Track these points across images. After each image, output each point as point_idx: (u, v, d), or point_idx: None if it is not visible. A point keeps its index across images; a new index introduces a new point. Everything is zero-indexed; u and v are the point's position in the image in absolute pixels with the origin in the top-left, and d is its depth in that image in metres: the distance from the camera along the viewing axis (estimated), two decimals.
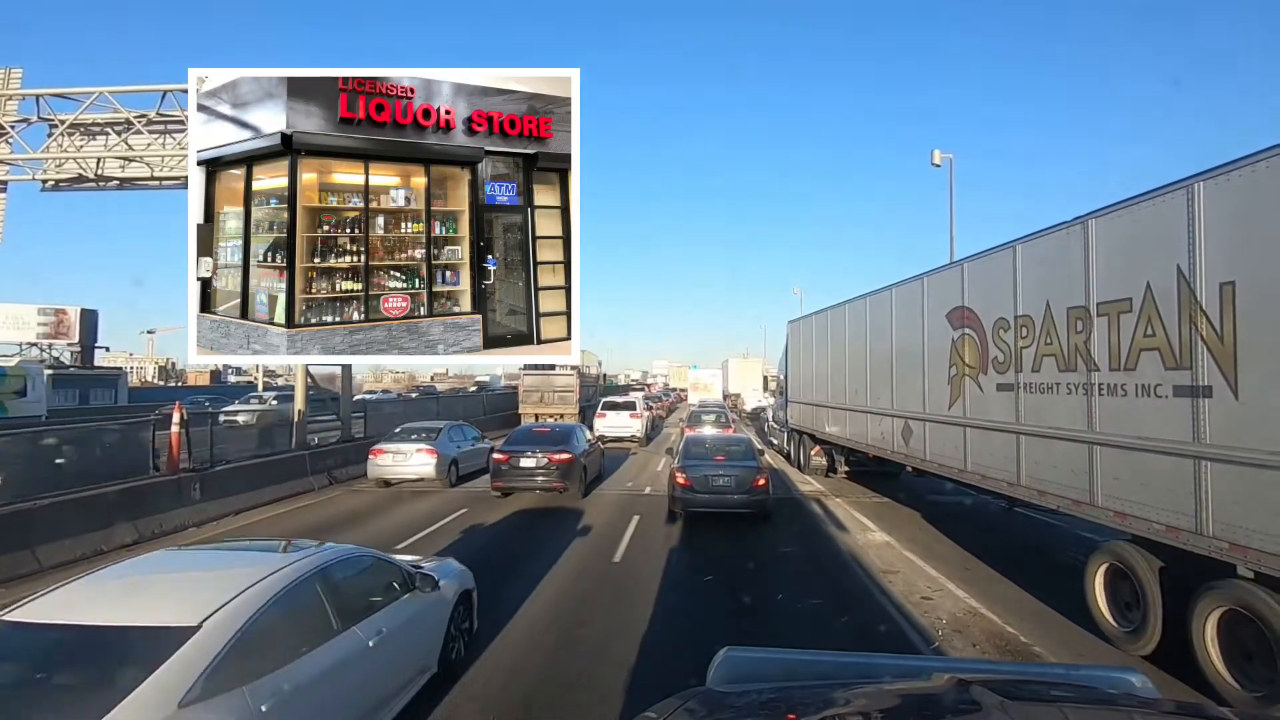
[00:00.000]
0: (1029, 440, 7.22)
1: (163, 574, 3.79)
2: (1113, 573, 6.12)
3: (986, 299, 8.11)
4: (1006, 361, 7.63)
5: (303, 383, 14.37)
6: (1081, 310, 6.32)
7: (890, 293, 11.23)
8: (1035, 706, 1.54)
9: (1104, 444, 6.05)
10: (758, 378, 40.34)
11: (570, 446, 12.36)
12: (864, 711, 1.70)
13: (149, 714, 2.63)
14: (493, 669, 5.10)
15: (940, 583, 7.44)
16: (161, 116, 14.43)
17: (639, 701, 4.14)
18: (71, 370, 38.45)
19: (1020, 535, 9.75)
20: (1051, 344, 6.81)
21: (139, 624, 3.07)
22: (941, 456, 9.30)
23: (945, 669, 2.04)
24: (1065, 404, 6.58)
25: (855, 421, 12.94)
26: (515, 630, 5.89)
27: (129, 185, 15.61)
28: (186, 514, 10.01)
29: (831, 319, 14.60)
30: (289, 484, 12.58)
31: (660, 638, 5.76)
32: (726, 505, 9.91)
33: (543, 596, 6.76)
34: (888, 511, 11.41)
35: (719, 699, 1.85)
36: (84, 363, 40.72)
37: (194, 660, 2.86)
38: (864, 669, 2.11)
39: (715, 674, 2.04)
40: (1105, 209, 6.08)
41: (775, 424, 21.88)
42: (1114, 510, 5.91)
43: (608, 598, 6.79)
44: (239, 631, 3.08)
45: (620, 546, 8.73)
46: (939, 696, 1.67)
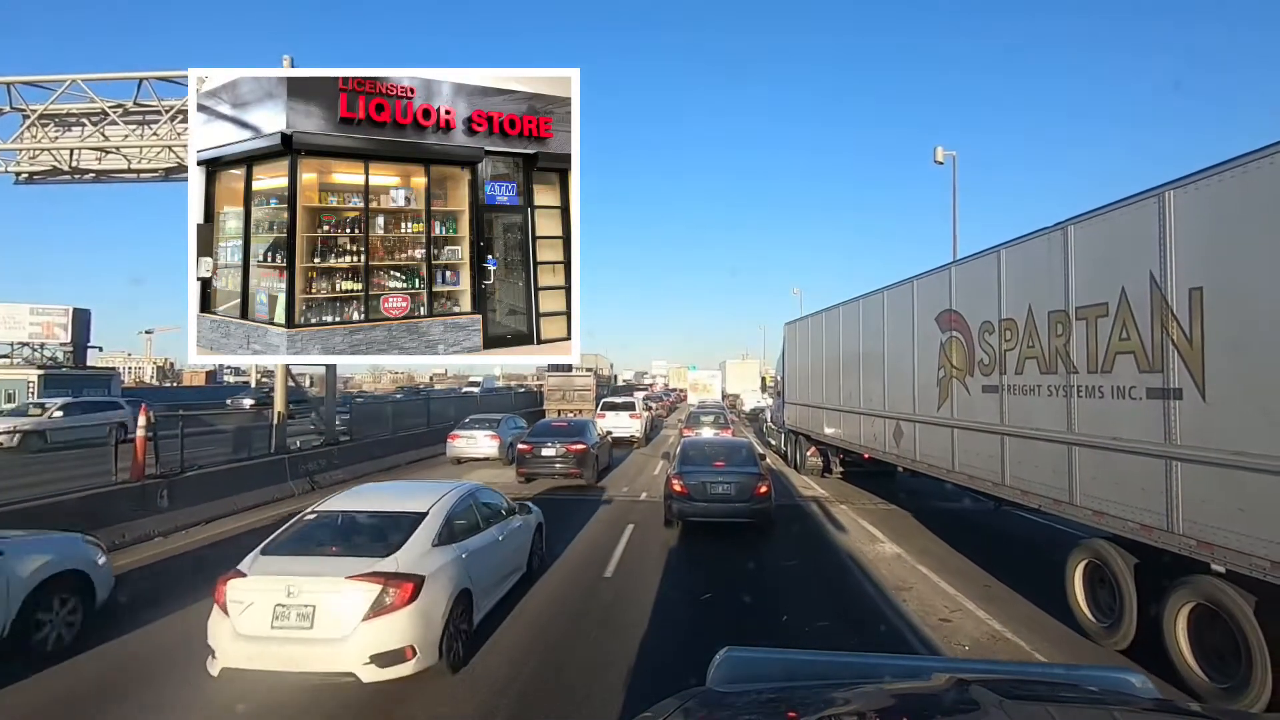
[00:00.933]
0: (1013, 441, 7.37)
1: (383, 493, 6.46)
2: (1091, 569, 6.27)
3: (973, 302, 8.26)
4: (991, 364, 7.78)
5: (283, 384, 14.03)
6: (1062, 314, 6.48)
7: (882, 296, 11.38)
8: (1034, 706, 1.52)
9: (1082, 444, 6.21)
10: (755, 379, 41.11)
11: (585, 438, 13.96)
12: (864, 711, 1.69)
13: (421, 547, 5.21)
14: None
15: (959, 601, 7.00)
16: (139, 106, 14.05)
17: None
18: (64, 370, 38.61)
19: (1037, 546, 9.06)
20: (1034, 347, 6.96)
21: (399, 510, 5.68)
22: (931, 457, 9.44)
23: (945, 669, 2.05)
24: (1046, 405, 6.73)
25: (849, 422, 13.08)
26: (497, 649, 5.55)
27: (106, 178, 15.32)
28: (152, 523, 9.38)
29: (826, 321, 14.75)
30: (267, 489, 12.07)
31: (652, 667, 5.16)
32: (726, 514, 9.41)
33: (525, 616, 6.32)
34: (895, 519, 11.18)
35: (719, 699, 1.85)
36: (76, 363, 40.84)
37: (431, 526, 5.47)
38: (864, 669, 2.11)
39: (715, 674, 2.04)
40: (1084, 215, 6.24)
41: (773, 425, 22.00)
42: (1092, 509, 6.06)
43: (593, 628, 6.07)
44: (445, 518, 5.69)
45: (612, 560, 8.27)
46: (939, 696, 1.66)
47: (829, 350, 14.49)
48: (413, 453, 18.07)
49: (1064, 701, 1.63)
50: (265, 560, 5.00)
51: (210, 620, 4.77)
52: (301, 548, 5.19)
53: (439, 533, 5.47)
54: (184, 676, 4.93)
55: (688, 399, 47.31)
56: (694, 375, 53.21)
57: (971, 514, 11.26)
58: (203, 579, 7.27)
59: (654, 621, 6.28)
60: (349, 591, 4.69)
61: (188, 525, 9.99)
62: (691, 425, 20.56)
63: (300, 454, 13.66)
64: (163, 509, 9.76)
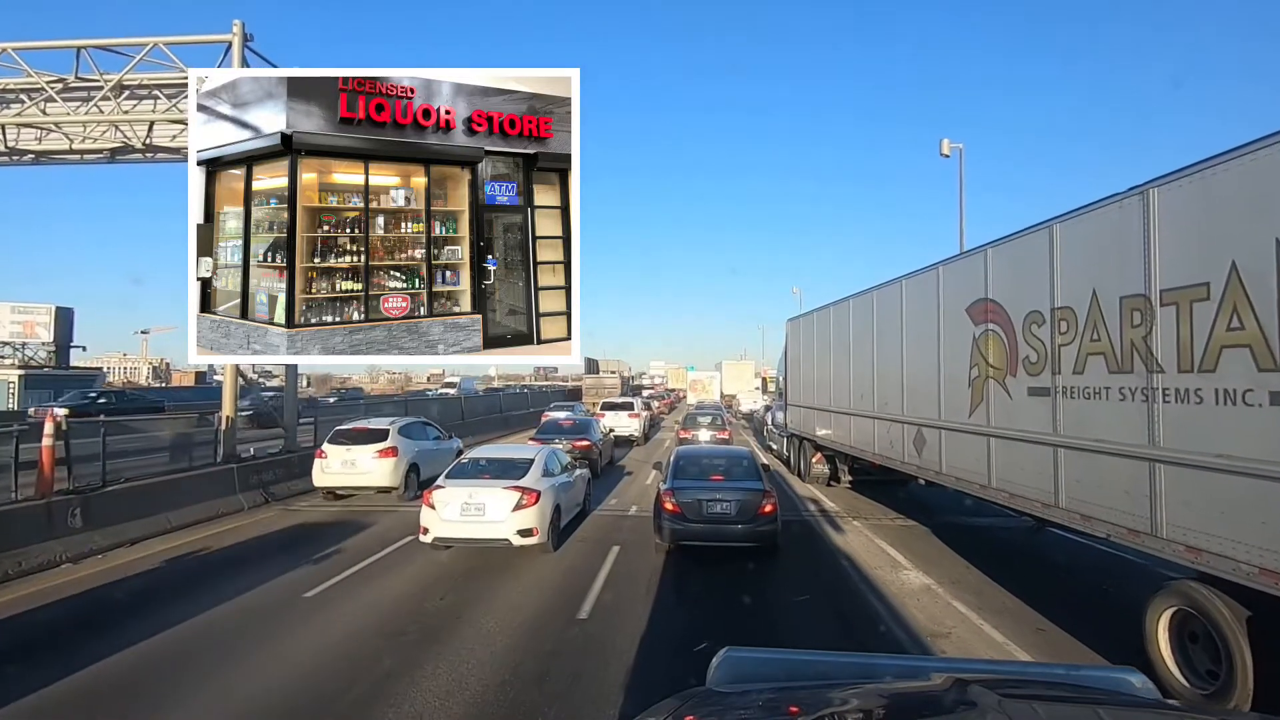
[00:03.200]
0: (1070, 454, 6.11)
1: (501, 450, 10.60)
2: (1181, 620, 5.02)
3: (1016, 290, 7.01)
4: (1041, 362, 6.52)
5: (232, 385, 12.70)
6: (1140, 299, 5.22)
7: (900, 285, 10.13)
8: (1034, 706, 1.49)
9: (1170, 461, 4.95)
10: (751, 379, 44.04)
11: (590, 435, 15.57)
12: (863, 710, 1.66)
13: (535, 476, 8.79)
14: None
15: (1008, 652, 5.80)
16: (81, 81, 12.76)
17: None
18: (46, 371, 37.34)
19: (1092, 577, 7.90)
20: (1099, 340, 5.71)
21: (517, 457, 9.37)
22: (960, 470, 8.19)
23: (945, 669, 2.00)
24: (1118, 412, 5.48)
25: (860, 428, 11.82)
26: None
27: (46, 159, 14.06)
28: (59, 547, 8.17)
29: (834, 316, 13.49)
30: (210, 503, 10.82)
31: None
32: (725, 538, 8.23)
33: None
34: (915, 539, 9.89)
35: (719, 699, 1.86)
36: (59, 363, 39.54)
37: (538, 466, 9.00)
38: (864, 669, 2.09)
39: (715, 674, 1.98)
40: (1173, 175, 4.99)
41: (774, 428, 20.80)
42: (1185, 544, 4.81)
43: (560, 688, 4.93)
44: (544, 463, 9.16)
45: (590, 595, 7.06)
46: (939, 696, 1.65)
47: (837, 348, 13.23)
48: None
49: (1063, 701, 1.64)
50: (452, 480, 8.83)
51: (422, 512, 8.54)
52: (469, 474, 9.05)
53: (542, 470, 9.11)
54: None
55: (687, 399, 48.30)
56: (693, 376, 54.59)
57: (1003, 533, 10.02)
58: (111, 621, 6.16)
59: (634, 685, 5.01)
60: (504, 496, 8.35)
61: (106, 548, 8.72)
62: (689, 427, 20.13)
63: (254, 462, 12.31)
64: (75, 529, 8.48)
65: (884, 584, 7.64)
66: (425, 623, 6.31)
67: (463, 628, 6.21)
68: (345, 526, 10.43)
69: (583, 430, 15.76)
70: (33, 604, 6.82)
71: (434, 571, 8.09)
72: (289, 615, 6.56)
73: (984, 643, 5.97)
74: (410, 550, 8.94)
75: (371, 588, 7.43)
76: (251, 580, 7.54)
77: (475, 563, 8.41)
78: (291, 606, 6.83)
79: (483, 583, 7.65)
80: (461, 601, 6.98)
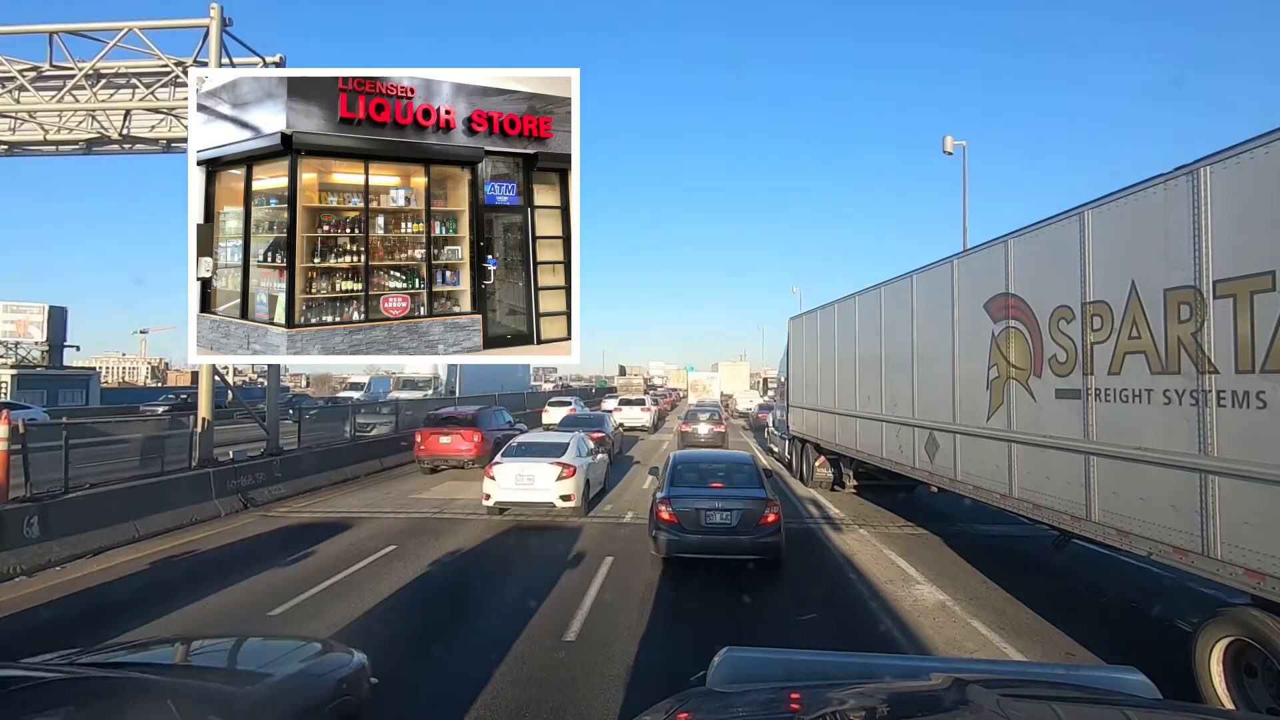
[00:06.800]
0: (1104, 462, 5.57)
1: (543, 436, 13.13)
2: (1238, 651, 4.48)
3: (1041, 283, 6.47)
4: (1070, 361, 5.98)
5: (208, 385, 12.09)
6: (1189, 292, 4.68)
7: (910, 280, 9.59)
8: (1033, 705, 1.52)
9: (1225, 473, 4.42)
10: (747, 380, 48.84)
11: (603, 428, 17.74)
12: (863, 710, 1.63)
13: (572, 455, 11.42)
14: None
15: None
16: (56, 69, 12.20)
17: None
18: (39, 370, 36.83)
19: (1123, 596, 7.29)
20: (1139, 338, 5.17)
21: (557, 441, 12.06)
22: (977, 478, 7.66)
23: (945, 669, 1.99)
24: (1161, 417, 4.94)
25: (867, 431, 11.28)
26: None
27: (20, 151, 13.48)
28: (11, 559, 7.62)
29: (839, 313, 12.95)
30: (184, 510, 10.28)
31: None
32: (725, 550, 7.72)
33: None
34: (926, 549, 9.30)
35: (719, 699, 1.86)
36: (52, 362, 39.04)
37: (574, 447, 11.71)
38: (864, 669, 2.08)
39: (715, 674, 1.99)
40: (1226, 151, 4.45)
41: (775, 430, 20.26)
42: (1243, 567, 4.27)
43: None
44: (577, 445, 11.93)
45: (579, 613, 6.50)
46: (938, 696, 1.63)
47: (842, 347, 12.69)
48: (374, 462, 16.32)
49: (1063, 701, 1.61)
50: (508, 458, 11.09)
51: (484, 482, 10.86)
52: (521, 453, 11.28)
53: (576, 450, 11.49)
54: None
55: (688, 398, 50.05)
56: (693, 377, 56.05)
57: (1020, 544, 9.45)
58: (52, 642, 5.53)
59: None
60: (549, 469, 10.77)
61: (66, 559, 8.16)
62: (689, 421, 22.45)
63: (232, 466, 11.72)
64: (31, 539, 7.91)
65: (896, 600, 7.09)
66: (396, 646, 5.75)
67: (438, 649, 5.67)
68: (323, 534, 9.86)
69: (596, 423, 18.15)
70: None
71: (410, 587, 7.52)
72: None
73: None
74: (388, 562, 8.39)
75: (343, 604, 6.86)
76: (216, 593, 7.02)
77: (455, 577, 7.87)
78: (255, 625, 6.29)
79: (462, 597, 7.12)
80: (439, 620, 6.44)
